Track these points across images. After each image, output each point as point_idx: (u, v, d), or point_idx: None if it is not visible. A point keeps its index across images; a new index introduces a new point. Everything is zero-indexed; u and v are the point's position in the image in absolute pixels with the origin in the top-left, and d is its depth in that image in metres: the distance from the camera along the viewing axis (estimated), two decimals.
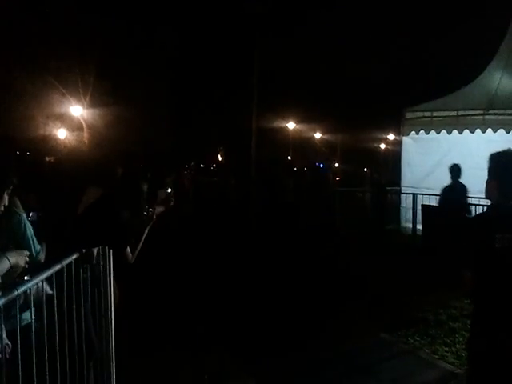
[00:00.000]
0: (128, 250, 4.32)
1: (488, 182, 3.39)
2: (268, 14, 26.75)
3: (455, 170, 9.55)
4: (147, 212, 4.69)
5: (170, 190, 5.61)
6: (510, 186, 3.29)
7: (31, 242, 3.44)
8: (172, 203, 5.59)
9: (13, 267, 2.89)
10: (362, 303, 7.14)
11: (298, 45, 29.94)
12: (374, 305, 7.01)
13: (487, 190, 3.41)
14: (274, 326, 6.22)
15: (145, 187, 4.66)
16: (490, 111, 11.85)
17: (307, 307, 6.96)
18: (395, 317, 6.54)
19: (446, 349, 5.61)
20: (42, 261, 3.53)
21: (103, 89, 24.79)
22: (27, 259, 3.01)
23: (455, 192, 9.38)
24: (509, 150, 3.34)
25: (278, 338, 5.87)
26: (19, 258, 2.94)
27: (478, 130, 11.91)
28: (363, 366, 5.28)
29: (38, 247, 3.52)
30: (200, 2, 27.80)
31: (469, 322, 6.19)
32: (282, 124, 37.32)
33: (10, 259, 2.87)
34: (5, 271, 2.83)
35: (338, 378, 5.01)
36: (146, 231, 4.65)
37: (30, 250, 3.25)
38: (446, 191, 9.57)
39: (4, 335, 2.84)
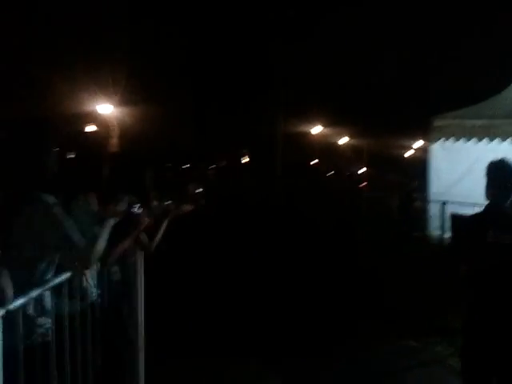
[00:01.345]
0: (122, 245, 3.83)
1: (486, 186, 3.84)
2: (294, 18, 26.84)
3: None
4: (160, 203, 4.39)
5: (201, 189, 5.61)
6: (498, 189, 3.73)
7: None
8: (202, 202, 5.59)
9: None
10: (389, 309, 7.09)
11: (326, 49, 29.85)
12: (401, 312, 6.96)
13: (485, 193, 3.84)
14: (301, 329, 6.22)
15: (149, 174, 4.43)
16: None
17: (334, 311, 6.93)
18: (423, 324, 6.48)
19: None
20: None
21: (132, 88, 25.01)
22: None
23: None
24: (503, 158, 3.84)
25: (304, 341, 5.87)
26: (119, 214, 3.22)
27: (510, 139, 11.74)
28: (390, 372, 5.27)
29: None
30: (229, 5, 27.92)
31: None
32: (308, 128, 37.22)
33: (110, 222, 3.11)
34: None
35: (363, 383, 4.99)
36: (165, 223, 4.38)
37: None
38: None
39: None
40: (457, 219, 10.52)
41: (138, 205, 3.60)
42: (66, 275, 3.00)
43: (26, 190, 2.86)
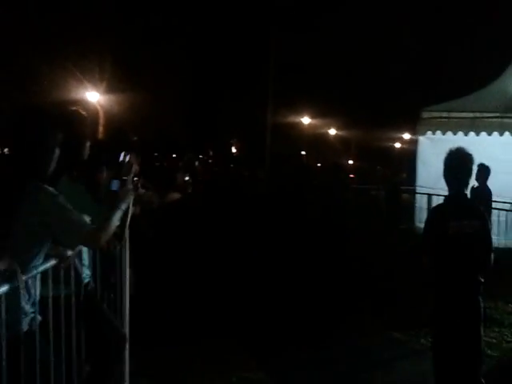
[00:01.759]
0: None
1: (444, 175, 3.95)
2: (285, 7, 26.73)
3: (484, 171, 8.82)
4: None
5: (187, 178, 5.57)
6: (456, 177, 3.86)
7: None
8: (189, 191, 5.53)
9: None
10: (374, 302, 7.12)
11: (314, 40, 29.80)
12: (386, 304, 6.98)
13: (445, 182, 3.96)
14: (286, 322, 6.22)
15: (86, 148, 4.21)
16: (508, 114, 11.76)
17: (318, 304, 6.95)
18: (408, 316, 6.50)
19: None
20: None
21: (119, 75, 24.80)
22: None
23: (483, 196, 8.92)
24: (458, 147, 3.95)
25: (289, 334, 5.87)
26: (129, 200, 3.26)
27: (496, 133, 11.83)
28: (374, 364, 5.29)
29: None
30: None
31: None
32: (297, 119, 37.19)
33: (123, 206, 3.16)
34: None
35: (348, 376, 5.01)
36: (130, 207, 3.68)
37: None
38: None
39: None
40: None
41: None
42: (52, 262, 2.99)
43: (29, 179, 2.82)
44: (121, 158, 3.51)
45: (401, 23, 29.45)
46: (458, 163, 3.89)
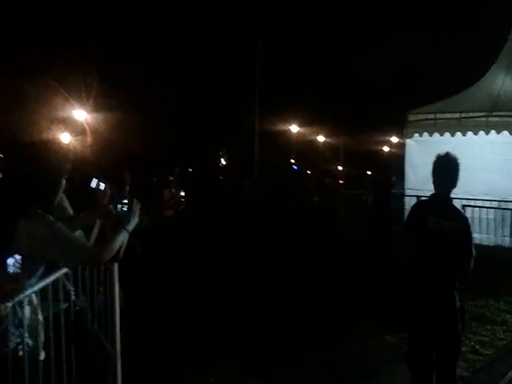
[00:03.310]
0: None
1: (432, 178, 4.14)
2: (270, 16, 26.87)
3: None
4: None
5: (182, 193, 5.59)
6: (441, 180, 4.07)
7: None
8: (182, 207, 5.55)
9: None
10: (365, 306, 7.12)
11: (300, 47, 29.96)
12: (377, 307, 6.98)
13: (433, 184, 4.14)
14: (278, 328, 6.21)
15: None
16: (494, 113, 11.86)
17: (310, 310, 6.95)
18: (399, 320, 6.51)
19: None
20: None
21: (106, 92, 24.82)
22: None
23: None
24: (447, 152, 4.15)
25: (281, 340, 5.85)
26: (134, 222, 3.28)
27: (482, 132, 11.92)
28: (367, 368, 5.28)
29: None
30: (202, 4, 27.85)
31: (474, 324, 6.32)
32: (285, 127, 37.30)
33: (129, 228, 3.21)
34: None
35: (341, 381, 5.00)
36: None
37: None
38: None
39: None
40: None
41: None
42: (46, 281, 3.00)
43: (25, 206, 2.83)
44: (93, 185, 3.53)
45: (384, 28, 29.69)
46: (445, 168, 4.08)
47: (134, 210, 3.30)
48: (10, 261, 2.76)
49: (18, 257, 2.76)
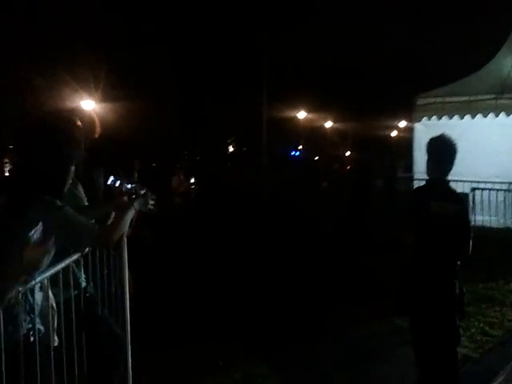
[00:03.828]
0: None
1: (427, 162, 4.06)
2: (277, 4, 26.73)
3: None
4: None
5: (192, 180, 5.57)
6: (441, 164, 3.98)
7: None
8: (192, 195, 5.55)
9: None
10: (374, 289, 7.13)
11: (307, 34, 29.75)
12: (386, 291, 6.99)
13: (427, 168, 4.09)
14: (288, 315, 6.23)
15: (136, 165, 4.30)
16: (504, 95, 11.77)
17: (319, 295, 6.96)
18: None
19: (461, 333, 5.61)
20: None
21: (114, 83, 24.85)
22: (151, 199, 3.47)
23: None
24: (442, 134, 4.03)
25: (291, 327, 5.88)
26: (142, 201, 3.41)
27: (491, 115, 11.85)
28: (376, 351, 5.30)
29: None
30: None
31: (483, 306, 6.33)
32: (293, 113, 37.18)
33: (135, 205, 3.33)
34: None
35: (350, 364, 5.02)
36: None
37: None
38: None
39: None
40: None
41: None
42: (56, 267, 3.03)
43: (31, 192, 2.85)
44: (109, 182, 3.58)
45: (392, 12, 29.40)
46: (441, 149, 3.99)
47: (141, 190, 3.42)
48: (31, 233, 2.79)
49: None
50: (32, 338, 2.86)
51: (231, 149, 37.49)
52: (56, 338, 3.08)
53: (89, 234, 2.95)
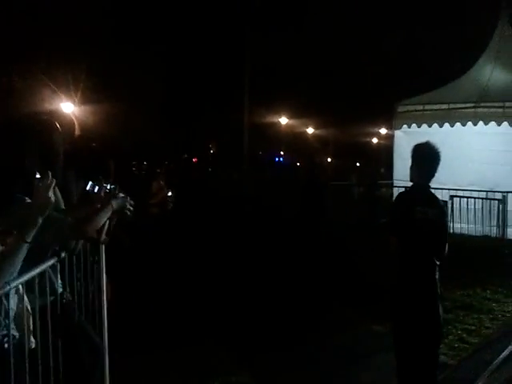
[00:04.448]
0: None
1: (410, 167, 4.11)
2: (259, 8, 26.79)
3: None
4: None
5: (170, 194, 5.52)
6: (425, 170, 4.05)
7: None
8: (170, 207, 5.50)
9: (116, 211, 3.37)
10: (353, 296, 7.15)
11: (288, 40, 29.88)
12: (365, 298, 7.02)
13: (410, 174, 4.12)
14: (267, 321, 6.22)
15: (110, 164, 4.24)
16: (482, 104, 11.91)
17: (299, 302, 6.96)
18: (387, 309, 6.54)
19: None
20: None
21: (94, 85, 24.65)
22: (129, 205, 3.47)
23: None
24: (427, 142, 4.08)
25: (270, 333, 5.87)
26: (121, 202, 3.40)
27: (470, 123, 11.97)
28: (358, 357, 5.31)
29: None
30: None
31: (461, 313, 6.38)
32: (275, 119, 37.27)
33: (113, 204, 3.33)
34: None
35: (331, 370, 5.02)
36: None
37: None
38: None
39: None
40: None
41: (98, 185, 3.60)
42: (32, 272, 2.97)
43: (6, 191, 2.80)
44: (88, 188, 3.54)
45: (373, 19, 29.67)
46: (425, 156, 4.05)
47: (120, 193, 3.43)
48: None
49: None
50: (6, 345, 2.80)
51: (212, 153, 37.41)
52: (33, 339, 3.01)
53: (63, 225, 2.94)
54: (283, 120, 38.01)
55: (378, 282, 7.44)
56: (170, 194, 5.80)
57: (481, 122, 11.84)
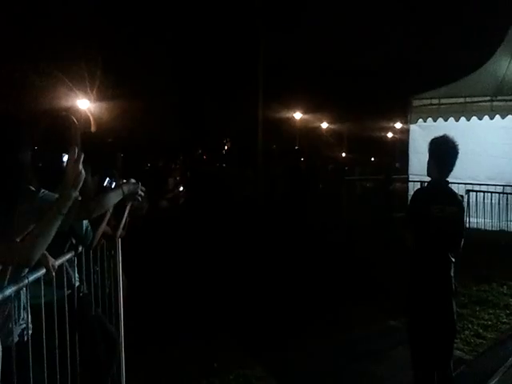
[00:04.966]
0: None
1: (428, 162, 4.02)
2: (273, 4, 26.69)
3: None
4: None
5: (181, 188, 5.55)
6: (443, 164, 3.96)
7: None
8: (181, 201, 5.51)
9: (127, 196, 3.33)
10: (369, 291, 7.13)
11: (303, 35, 29.79)
12: (381, 293, 7.00)
13: (428, 169, 4.04)
14: (282, 316, 6.23)
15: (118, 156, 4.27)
16: (498, 97, 11.77)
17: (314, 296, 6.96)
18: (401, 304, 6.51)
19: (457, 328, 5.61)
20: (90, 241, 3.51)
21: (110, 82, 24.82)
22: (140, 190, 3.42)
23: None
24: (445, 135, 3.99)
25: (285, 328, 5.88)
26: (132, 187, 3.34)
27: (486, 117, 11.84)
28: (371, 352, 5.30)
29: (87, 224, 3.44)
30: None
31: (477, 308, 6.34)
32: (289, 114, 37.19)
33: (124, 188, 3.29)
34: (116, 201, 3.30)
35: (346, 365, 5.02)
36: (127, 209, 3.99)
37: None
38: None
39: None
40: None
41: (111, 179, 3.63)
42: (43, 270, 2.99)
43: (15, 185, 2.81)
44: (105, 184, 3.58)
45: (389, 13, 29.47)
46: (443, 150, 3.98)
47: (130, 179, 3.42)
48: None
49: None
50: (26, 338, 2.84)
51: (226, 149, 37.41)
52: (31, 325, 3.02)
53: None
54: (297, 115, 37.92)
55: (393, 277, 7.45)
56: (181, 188, 5.81)
57: (498, 116, 11.71)
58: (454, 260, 3.97)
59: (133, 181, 3.43)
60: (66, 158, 2.81)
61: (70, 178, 2.59)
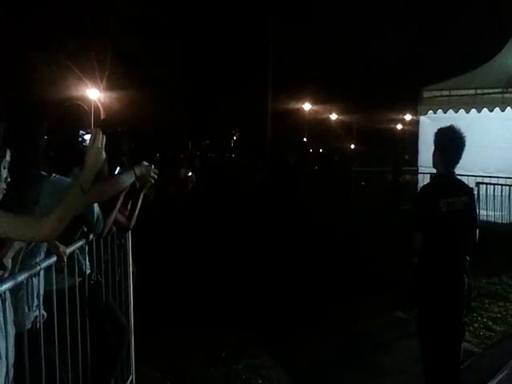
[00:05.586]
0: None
1: (433, 154, 3.90)
2: None
3: None
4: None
5: (190, 174, 5.58)
6: (449, 156, 3.84)
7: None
8: (191, 186, 5.52)
9: (139, 178, 3.29)
10: (378, 283, 7.12)
11: (312, 26, 29.67)
12: (389, 284, 6.99)
13: (433, 160, 3.93)
14: (291, 307, 6.23)
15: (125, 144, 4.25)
16: (510, 89, 11.68)
17: (322, 287, 6.96)
18: (410, 296, 6.50)
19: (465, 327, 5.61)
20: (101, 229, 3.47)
21: (119, 72, 24.83)
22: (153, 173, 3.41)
23: None
24: (451, 126, 3.88)
25: (294, 319, 5.89)
26: (144, 169, 3.31)
27: (497, 109, 11.75)
28: (380, 344, 5.30)
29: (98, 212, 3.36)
30: None
31: (487, 301, 6.33)
32: (298, 105, 37.10)
33: (136, 170, 3.25)
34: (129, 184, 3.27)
35: (355, 357, 5.03)
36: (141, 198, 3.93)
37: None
38: None
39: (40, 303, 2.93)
40: None
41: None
42: (54, 258, 3.01)
43: (27, 170, 2.84)
44: (116, 173, 3.61)
45: (399, 5, 29.30)
46: (449, 141, 3.87)
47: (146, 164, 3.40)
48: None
49: None
50: (38, 325, 2.86)
51: (235, 140, 37.39)
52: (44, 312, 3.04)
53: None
54: (306, 106, 37.81)
55: (402, 269, 7.44)
56: (190, 174, 5.80)
57: (508, 108, 11.61)
58: (468, 258, 3.85)
59: (145, 163, 3.40)
60: (87, 136, 2.85)
61: (92, 158, 2.59)
